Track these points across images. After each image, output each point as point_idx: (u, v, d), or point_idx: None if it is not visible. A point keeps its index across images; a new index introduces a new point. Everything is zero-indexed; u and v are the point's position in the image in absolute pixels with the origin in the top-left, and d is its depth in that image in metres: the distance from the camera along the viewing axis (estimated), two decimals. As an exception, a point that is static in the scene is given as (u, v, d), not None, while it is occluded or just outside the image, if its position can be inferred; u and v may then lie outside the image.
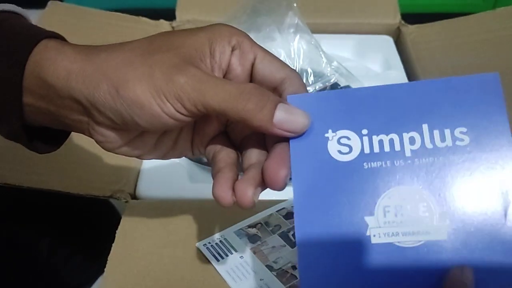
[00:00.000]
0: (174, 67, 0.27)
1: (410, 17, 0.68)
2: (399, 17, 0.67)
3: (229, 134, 0.32)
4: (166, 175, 0.48)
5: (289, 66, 0.30)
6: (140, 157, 0.32)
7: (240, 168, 0.30)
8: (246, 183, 0.27)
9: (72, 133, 0.35)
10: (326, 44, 0.58)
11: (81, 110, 0.28)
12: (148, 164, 0.49)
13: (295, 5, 0.55)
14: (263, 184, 0.27)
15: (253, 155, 0.29)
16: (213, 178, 0.29)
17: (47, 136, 0.32)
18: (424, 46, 0.63)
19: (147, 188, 0.47)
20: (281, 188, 0.27)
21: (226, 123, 0.32)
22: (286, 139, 0.28)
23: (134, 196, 0.47)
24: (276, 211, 0.44)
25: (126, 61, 0.27)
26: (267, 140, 0.29)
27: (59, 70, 0.27)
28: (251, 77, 0.30)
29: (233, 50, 0.29)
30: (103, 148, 0.30)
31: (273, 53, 0.30)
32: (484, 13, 0.66)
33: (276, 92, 0.29)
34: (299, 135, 0.28)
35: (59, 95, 0.28)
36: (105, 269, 0.39)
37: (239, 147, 0.31)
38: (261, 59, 0.29)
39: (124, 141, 0.29)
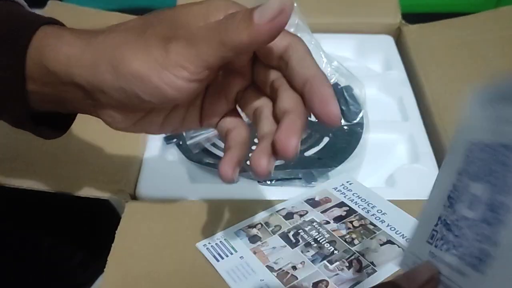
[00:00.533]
0: (165, 37, 0.27)
1: (411, 17, 0.68)
2: (399, 16, 0.67)
3: (242, 108, 0.32)
4: (166, 175, 0.48)
5: (290, 32, 0.29)
6: (149, 133, 0.32)
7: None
8: (260, 154, 0.28)
9: (71, 133, 0.35)
10: (326, 44, 0.58)
11: (85, 94, 0.28)
12: (148, 164, 0.49)
13: (295, 4, 0.54)
14: (277, 154, 0.28)
15: (265, 126, 0.30)
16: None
17: (53, 121, 0.32)
18: (425, 45, 0.63)
19: (147, 188, 0.47)
20: (292, 157, 0.27)
21: (236, 99, 0.32)
22: (296, 110, 0.28)
23: (134, 196, 0.47)
24: (276, 212, 0.44)
25: (122, 40, 0.27)
26: (277, 110, 0.29)
27: (59, 56, 0.28)
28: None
29: None
30: (112, 128, 0.30)
31: None
32: (486, 13, 0.66)
33: (281, 60, 0.29)
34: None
35: (61, 81, 0.28)
36: (105, 269, 0.39)
37: (252, 120, 0.31)
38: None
39: (132, 121, 0.30)
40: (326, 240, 0.41)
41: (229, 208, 0.44)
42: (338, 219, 0.43)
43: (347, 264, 0.39)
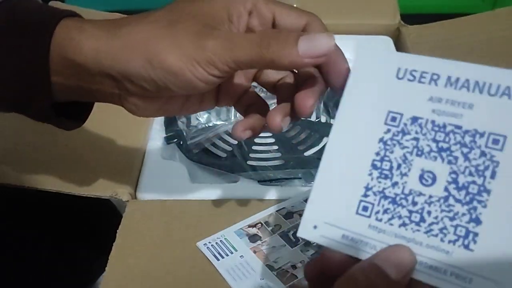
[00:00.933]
0: (198, 34, 0.28)
1: (410, 18, 0.68)
2: (398, 17, 0.67)
3: (262, 83, 0.34)
4: (167, 175, 0.48)
5: (306, 12, 0.32)
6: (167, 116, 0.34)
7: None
8: (276, 111, 0.31)
9: (73, 133, 0.36)
10: (326, 44, 0.58)
11: (113, 83, 0.29)
12: (149, 164, 0.49)
13: (295, 5, 0.55)
14: (293, 114, 0.31)
15: (285, 93, 0.32)
16: None
17: (72, 112, 0.33)
18: (424, 46, 0.63)
19: (147, 188, 0.47)
20: (308, 115, 0.31)
21: (252, 79, 0.34)
22: (314, 78, 0.31)
23: (134, 196, 0.47)
24: (276, 211, 0.44)
25: (152, 35, 0.28)
26: (297, 79, 0.32)
27: (85, 50, 0.28)
28: None
29: (250, 13, 0.30)
30: (134, 114, 0.32)
31: None
32: (484, 14, 0.66)
33: None
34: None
35: (89, 73, 0.29)
36: (106, 269, 0.39)
37: (273, 91, 0.34)
38: (279, 14, 0.31)
39: (155, 107, 0.31)
40: (326, 240, 0.41)
41: (229, 208, 0.45)
42: (337, 218, 0.43)
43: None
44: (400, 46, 0.66)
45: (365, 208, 0.26)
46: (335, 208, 0.27)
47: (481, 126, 0.25)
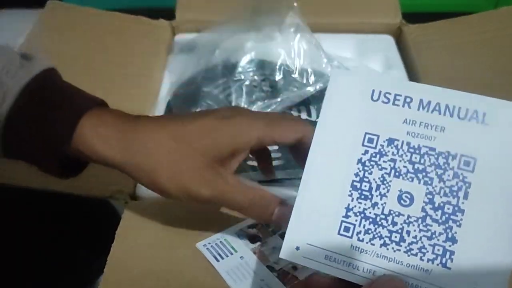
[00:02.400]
0: (200, 170, 0.33)
1: (411, 17, 0.68)
2: (400, 16, 0.67)
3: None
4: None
5: (302, 124, 0.35)
6: None
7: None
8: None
9: None
10: (327, 43, 0.57)
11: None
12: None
13: (295, 4, 0.54)
14: None
15: None
16: None
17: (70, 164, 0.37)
18: (425, 45, 0.63)
19: (147, 188, 0.47)
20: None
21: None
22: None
23: (133, 196, 0.47)
24: (277, 212, 0.44)
25: (158, 161, 0.33)
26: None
27: (93, 154, 0.34)
28: None
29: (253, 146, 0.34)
30: None
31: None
32: (486, 13, 0.66)
33: (294, 149, 0.35)
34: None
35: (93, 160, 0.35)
36: (105, 270, 0.39)
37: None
38: (278, 138, 0.34)
39: None
40: (327, 240, 0.41)
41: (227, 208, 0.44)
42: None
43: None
44: (401, 45, 0.66)
45: (346, 229, 0.27)
46: (317, 229, 0.28)
47: (453, 148, 0.27)
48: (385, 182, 0.27)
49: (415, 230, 0.26)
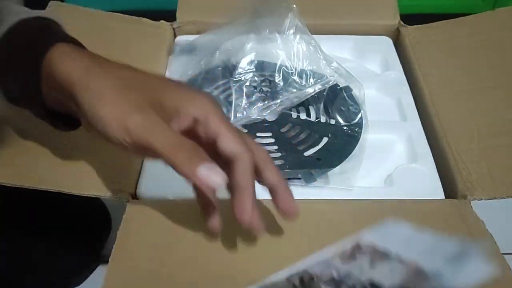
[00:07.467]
0: (138, 103, 0.33)
1: (410, 18, 0.68)
2: (398, 18, 0.67)
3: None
4: (167, 175, 0.47)
5: (246, 145, 0.34)
6: None
7: None
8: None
9: (71, 132, 0.41)
10: (326, 45, 0.58)
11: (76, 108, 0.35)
12: (149, 164, 0.49)
13: (294, 6, 0.55)
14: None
15: None
16: None
17: (68, 118, 0.39)
18: (424, 47, 0.63)
19: (148, 188, 0.47)
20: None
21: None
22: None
23: (134, 196, 0.47)
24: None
25: (107, 92, 0.33)
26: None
27: (63, 75, 0.34)
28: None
29: (196, 121, 0.34)
30: None
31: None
32: (484, 14, 0.66)
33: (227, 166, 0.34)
34: None
35: (64, 92, 0.35)
36: (107, 269, 0.39)
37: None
38: (221, 137, 0.33)
39: None
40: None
41: (229, 208, 0.45)
42: (337, 218, 0.43)
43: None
44: (399, 46, 0.66)
45: None
46: None
47: None
48: None
49: None
